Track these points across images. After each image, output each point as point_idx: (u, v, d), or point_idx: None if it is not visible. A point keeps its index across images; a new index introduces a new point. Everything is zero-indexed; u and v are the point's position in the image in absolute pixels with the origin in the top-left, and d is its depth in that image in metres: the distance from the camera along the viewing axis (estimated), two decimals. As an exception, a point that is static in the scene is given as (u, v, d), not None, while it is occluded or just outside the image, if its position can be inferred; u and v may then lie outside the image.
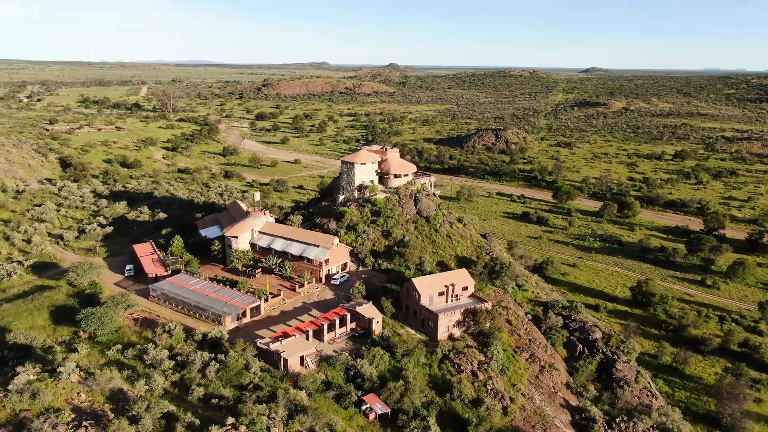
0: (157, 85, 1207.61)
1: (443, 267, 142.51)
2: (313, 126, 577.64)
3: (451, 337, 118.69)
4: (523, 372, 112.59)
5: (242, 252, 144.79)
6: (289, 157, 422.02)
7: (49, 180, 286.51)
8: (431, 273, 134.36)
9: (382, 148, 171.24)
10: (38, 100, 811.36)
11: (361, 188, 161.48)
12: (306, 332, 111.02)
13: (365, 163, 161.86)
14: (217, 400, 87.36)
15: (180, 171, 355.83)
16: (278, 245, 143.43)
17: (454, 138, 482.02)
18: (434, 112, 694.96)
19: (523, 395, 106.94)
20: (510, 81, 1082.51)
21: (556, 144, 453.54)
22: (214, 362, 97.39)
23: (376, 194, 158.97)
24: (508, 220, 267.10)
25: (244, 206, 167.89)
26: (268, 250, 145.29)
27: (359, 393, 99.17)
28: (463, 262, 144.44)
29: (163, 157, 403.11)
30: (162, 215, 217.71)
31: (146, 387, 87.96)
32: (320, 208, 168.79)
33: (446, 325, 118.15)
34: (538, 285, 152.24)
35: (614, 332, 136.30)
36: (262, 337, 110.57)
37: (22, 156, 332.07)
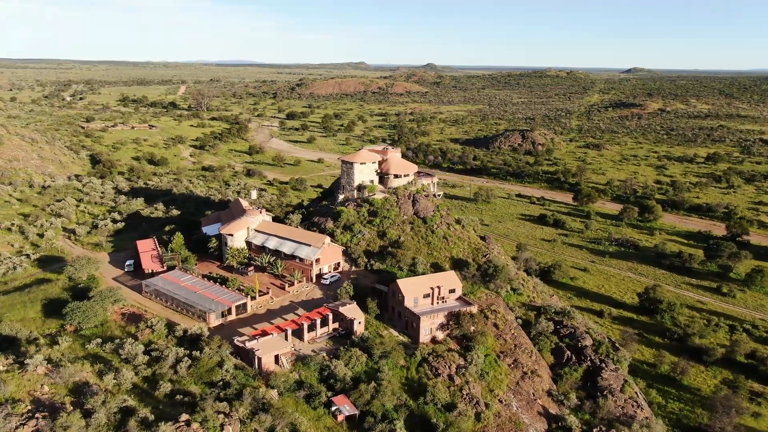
0: (195, 85, 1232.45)
1: (437, 269, 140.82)
2: (341, 126, 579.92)
3: (434, 340, 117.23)
4: (504, 378, 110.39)
5: (237, 249, 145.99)
6: (313, 156, 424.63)
7: (78, 176, 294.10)
8: (423, 274, 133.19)
9: (384, 148, 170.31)
10: (80, 98, 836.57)
11: (361, 188, 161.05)
12: (284, 331, 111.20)
13: (365, 163, 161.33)
14: (181, 396, 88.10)
15: (204, 169, 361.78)
16: (272, 244, 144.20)
17: (481, 139, 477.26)
18: (465, 113, 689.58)
19: (500, 401, 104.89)
20: (546, 81, 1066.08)
21: (585, 145, 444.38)
22: (186, 358, 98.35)
23: (374, 194, 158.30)
24: (524, 223, 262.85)
25: (246, 204, 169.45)
26: (262, 249, 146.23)
27: (330, 394, 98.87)
28: (458, 264, 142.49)
29: (190, 155, 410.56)
30: (175, 212, 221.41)
31: (114, 381, 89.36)
32: (319, 208, 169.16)
33: (429, 328, 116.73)
34: (536, 289, 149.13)
35: (608, 339, 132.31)
36: (244, 335, 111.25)
37: (54, 153, 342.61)
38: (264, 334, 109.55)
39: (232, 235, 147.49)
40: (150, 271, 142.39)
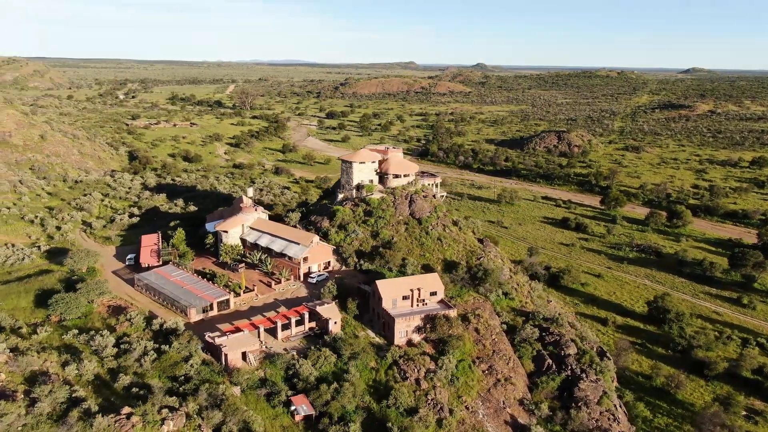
0: (244, 84, 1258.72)
1: (428, 270, 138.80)
2: (379, 125, 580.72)
3: (410, 343, 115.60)
4: (475, 384, 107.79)
5: (231, 246, 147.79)
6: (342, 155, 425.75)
7: (114, 172, 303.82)
8: (413, 275, 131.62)
9: (385, 147, 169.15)
10: (132, 97, 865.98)
11: (359, 187, 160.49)
12: (257, 329, 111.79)
13: (364, 162, 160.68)
14: (137, 389, 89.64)
15: (235, 166, 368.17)
16: (264, 241, 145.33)
17: (517, 140, 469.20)
18: (506, 113, 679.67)
19: (467, 408, 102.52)
20: (595, 82, 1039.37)
21: (624, 148, 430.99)
22: (153, 352, 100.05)
23: (372, 194, 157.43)
24: (546, 226, 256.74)
25: (249, 202, 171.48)
26: (256, 246, 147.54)
27: (291, 393, 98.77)
28: (450, 267, 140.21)
29: (225, 153, 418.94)
30: (192, 208, 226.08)
31: (76, 372, 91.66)
32: (318, 207, 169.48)
33: (404, 330, 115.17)
34: (531, 294, 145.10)
35: (600, 349, 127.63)
36: (221, 331, 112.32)
37: (94, 149, 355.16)
38: (237, 330, 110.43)
39: (226, 231, 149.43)
40: (146, 266, 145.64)
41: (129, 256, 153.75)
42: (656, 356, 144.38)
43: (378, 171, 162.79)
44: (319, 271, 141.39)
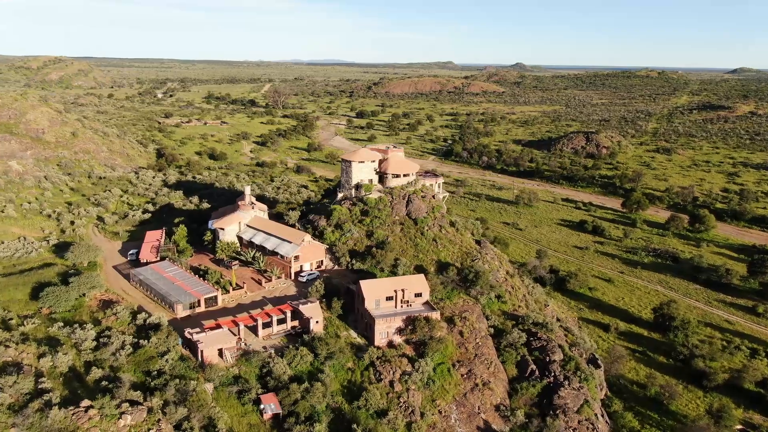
0: (281, 83, 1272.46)
1: (420, 271, 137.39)
2: (408, 125, 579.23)
3: (390, 344, 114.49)
4: (452, 388, 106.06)
5: (227, 243, 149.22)
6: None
7: (140, 168, 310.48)
8: (403, 275, 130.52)
9: (386, 147, 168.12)
10: (170, 95, 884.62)
11: (358, 187, 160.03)
12: (237, 326, 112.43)
13: (363, 162, 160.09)
14: (107, 383, 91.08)
15: (258, 164, 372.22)
16: (258, 239, 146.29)
17: (545, 140, 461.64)
18: (538, 113, 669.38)
19: (440, 412, 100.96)
20: (634, 82, 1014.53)
21: (655, 150, 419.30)
22: (129, 346, 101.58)
23: (370, 193, 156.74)
24: (562, 228, 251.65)
25: (253, 199, 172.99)
26: (251, 244, 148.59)
27: (262, 391, 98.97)
28: (442, 268, 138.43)
29: (251, 151, 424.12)
30: (206, 205, 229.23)
31: (51, 363, 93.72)
32: (317, 206, 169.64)
33: (385, 331, 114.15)
34: (525, 298, 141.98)
35: (592, 356, 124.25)
36: (202, 327, 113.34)
37: (123, 146, 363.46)
38: (217, 327, 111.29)
39: (223, 229, 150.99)
40: (145, 261, 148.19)
41: (131, 252, 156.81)
42: (656, 365, 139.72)
43: (378, 170, 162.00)
44: (311, 269, 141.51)
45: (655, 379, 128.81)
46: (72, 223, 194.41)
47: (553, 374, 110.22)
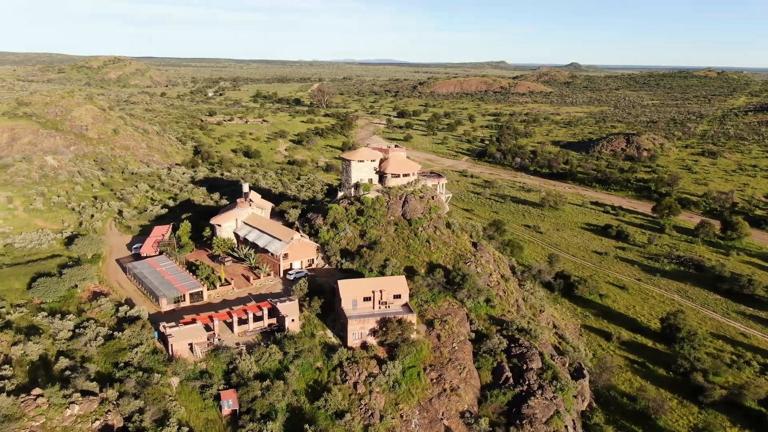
0: (331, 82, 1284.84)
1: (410, 272, 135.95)
2: (447, 125, 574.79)
3: (364, 345, 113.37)
4: (419, 392, 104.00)
5: (223, 240, 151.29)
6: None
7: (176, 165, 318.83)
8: (390, 276, 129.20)
9: (387, 147, 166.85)
10: (220, 94, 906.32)
11: (357, 186, 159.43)
12: (212, 321, 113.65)
13: (362, 161, 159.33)
14: (70, 372, 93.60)
15: (289, 163, 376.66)
16: (252, 236, 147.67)
17: (585, 142, 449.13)
18: (584, 114, 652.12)
19: (401, 416, 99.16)
20: (690, 82, 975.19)
21: (700, 153, 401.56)
22: (100, 338, 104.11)
23: (368, 193, 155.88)
24: (585, 232, 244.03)
25: (259, 197, 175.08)
26: (246, 241, 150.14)
27: (224, 387, 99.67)
28: (434, 270, 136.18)
29: (286, 149, 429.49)
30: (225, 201, 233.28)
31: (22, 351, 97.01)
32: (316, 204, 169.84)
33: (358, 332, 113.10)
34: (518, 303, 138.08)
35: (579, 365, 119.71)
36: (176, 322, 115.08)
37: (161, 143, 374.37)
38: (192, 322, 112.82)
39: (220, 225, 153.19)
40: (145, 255, 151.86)
41: (135, 246, 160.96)
42: (654, 378, 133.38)
43: (377, 170, 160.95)
44: (301, 268, 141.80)
45: (646, 392, 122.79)
46: (92, 216, 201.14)
47: (527, 382, 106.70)
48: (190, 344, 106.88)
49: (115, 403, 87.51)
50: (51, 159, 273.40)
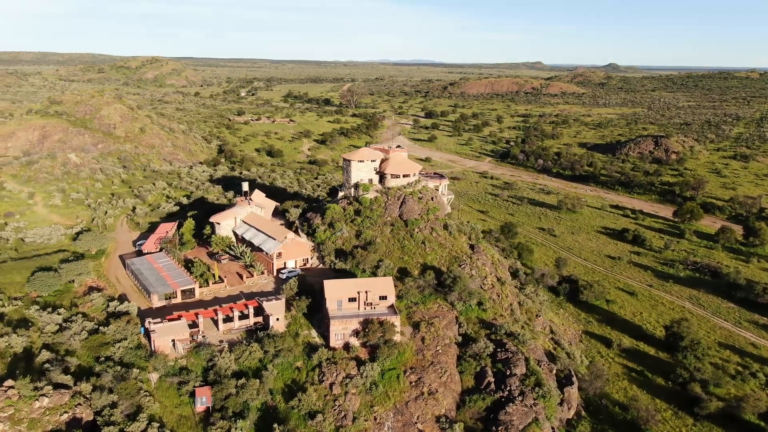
0: (363, 82, 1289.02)
1: (403, 273, 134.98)
2: (474, 126, 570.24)
3: (346, 346, 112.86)
4: (396, 395, 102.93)
5: (221, 238, 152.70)
6: (423, 155, 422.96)
7: (199, 163, 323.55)
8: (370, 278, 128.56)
9: (387, 146, 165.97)
10: (252, 94, 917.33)
11: (357, 186, 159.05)
12: (197, 318, 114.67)
13: (362, 161, 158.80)
14: (48, 365, 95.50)
15: (310, 162, 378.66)
16: (248, 235, 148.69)
17: (612, 144, 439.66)
18: (616, 116, 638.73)
19: (375, 419, 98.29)
20: (731, 84, 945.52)
21: (732, 156, 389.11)
22: (84, 332, 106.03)
23: (367, 193, 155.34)
24: (600, 236, 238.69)
25: (263, 195, 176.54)
26: (243, 239, 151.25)
27: (201, 383, 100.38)
28: (425, 272, 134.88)
29: (308, 149, 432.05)
30: (237, 200, 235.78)
31: (6, 343, 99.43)
32: (316, 204, 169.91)
33: (341, 333, 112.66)
34: (512, 307, 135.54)
35: (569, 371, 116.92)
36: (162, 318, 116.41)
37: (186, 142, 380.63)
38: (178, 318, 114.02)
39: (219, 223, 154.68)
40: (146, 252, 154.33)
41: (139, 242, 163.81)
42: (651, 387, 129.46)
43: (377, 170, 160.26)
44: (295, 267, 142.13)
45: (638, 401, 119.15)
46: (105, 213, 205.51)
47: (508, 388, 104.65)
48: (173, 340, 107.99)
49: (87, 396, 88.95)
50: (74, 156, 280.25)
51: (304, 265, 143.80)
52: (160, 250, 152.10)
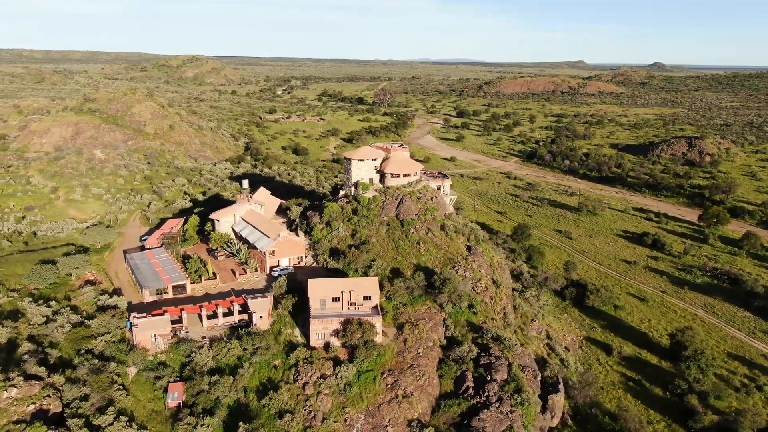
0: (400, 82, 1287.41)
1: (396, 274, 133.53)
2: (504, 125, 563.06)
3: (327, 346, 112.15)
4: (370, 397, 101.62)
5: (220, 234, 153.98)
6: (449, 154, 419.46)
7: (224, 160, 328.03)
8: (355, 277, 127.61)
9: (389, 145, 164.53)
10: (288, 93, 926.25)
11: (357, 185, 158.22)
12: (182, 313, 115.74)
13: (363, 160, 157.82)
14: (29, 356, 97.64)
15: (334, 161, 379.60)
16: (245, 232, 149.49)
17: (644, 145, 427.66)
18: (653, 116, 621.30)
19: (345, 420, 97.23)
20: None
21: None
22: (67, 325, 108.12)
23: (366, 192, 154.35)
24: (619, 240, 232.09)
25: (268, 193, 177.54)
26: (241, 237, 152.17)
27: (175, 379, 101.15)
28: (423, 273, 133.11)
29: (334, 148, 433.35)
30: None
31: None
32: (317, 203, 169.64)
33: (321, 332, 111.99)
34: (505, 310, 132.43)
35: (557, 378, 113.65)
36: (152, 313, 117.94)
37: (214, 139, 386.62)
38: (163, 314, 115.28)
39: (218, 220, 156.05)
40: (149, 247, 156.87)
41: (143, 237, 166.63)
42: (648, 397, 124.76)
43: (378, 169, 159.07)
44: (289, 265, 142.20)
45: (627, 411, 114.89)
46: (120, 208, 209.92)
47: (486, 394, 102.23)
48: (154, 335, 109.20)
49: (58, 388, 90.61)
50: (99, 152, 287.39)
51: (299, 263, 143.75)
52: (161, 245, 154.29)
